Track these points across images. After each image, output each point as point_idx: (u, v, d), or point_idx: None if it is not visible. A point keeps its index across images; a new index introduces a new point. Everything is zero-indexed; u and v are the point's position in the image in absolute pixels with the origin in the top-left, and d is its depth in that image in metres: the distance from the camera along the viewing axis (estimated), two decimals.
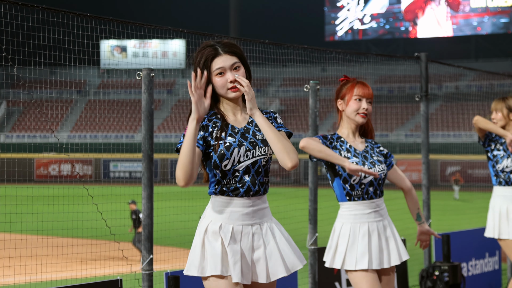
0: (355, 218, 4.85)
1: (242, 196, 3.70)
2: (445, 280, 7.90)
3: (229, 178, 3.69)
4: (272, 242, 3.73)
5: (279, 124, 3.80)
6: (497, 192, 6.93)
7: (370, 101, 4.93)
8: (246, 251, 3.69)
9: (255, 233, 3.73)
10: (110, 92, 56.31)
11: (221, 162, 3.66)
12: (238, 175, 3.69)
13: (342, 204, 4.89)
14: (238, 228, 3.70)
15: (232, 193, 3.70)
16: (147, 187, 5.76)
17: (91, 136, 50.74)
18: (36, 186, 10.20)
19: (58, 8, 5.90)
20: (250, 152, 3.71)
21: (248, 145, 3.71)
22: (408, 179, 5.21)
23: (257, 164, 3.71)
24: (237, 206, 3.71)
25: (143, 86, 5.78)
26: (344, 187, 4.84)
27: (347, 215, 4.87)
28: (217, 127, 3.72)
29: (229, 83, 3.69)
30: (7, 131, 52.42)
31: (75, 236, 11.41)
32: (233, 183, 3.69)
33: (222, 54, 3.70)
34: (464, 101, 44.35)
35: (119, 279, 5.46)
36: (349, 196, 4.85)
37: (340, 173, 4.83)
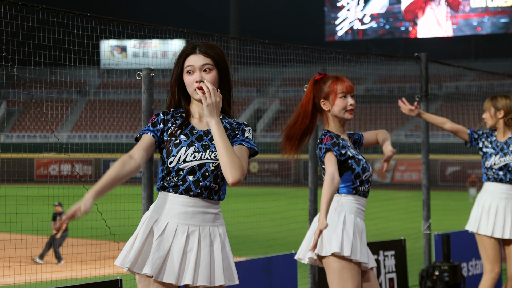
0: (357, 212, 4.83)
1: (182, 193, 3.66)
2: (445, 280, 7.89)
3: (172, 176, 3.67)
4: (207, 249, 3.64)
5: (244, 138, 3.72)
6: (485, 188, 7.02)
7: (353, 94, 4.91)
8: (176, 251, 3.63)
9: (191, 234, 3.65)
10: (110, 92, 56.31)
11: (167, 158, 3.68)
12: (182, 174, 3.66)
13: (346, 196, 4.83)
14: (172, 226, 3.66)
15: (172, 189, 3.67)
16: (147, 187, 5.76)
17: (91, 136, 50.74)
18: (36, 186, 10.20)
19: (58, 8, 5.90)
20: (199, 154, 3.66)
21: (199, 147, 3.67)
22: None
23: (204, 167, 3.66)
24: (176, 204, 3.67)
25: (143, 86, 5.78)
26: (354, 181, 4.81)
27: (351, 206, 4.81)
28: (175, 124, 3.73)
29: (195, 83, 3.68)
30: (7, 131, 52.42)
31: (75, 236, 11.41)
32: (175, 181, 3.67)
33: (196, 53, 3.71)
34: (464, 101, 44.32)
35: (119, 279, 5.45)
36: (355, 191, 4.83)
37: (354, 167, 4.80)
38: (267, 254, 8.58)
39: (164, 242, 3.63)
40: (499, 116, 6.93)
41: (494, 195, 6.91)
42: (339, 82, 4.86)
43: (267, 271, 6.47)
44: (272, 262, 6.57)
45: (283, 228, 10.78)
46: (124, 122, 53.25)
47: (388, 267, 7.74)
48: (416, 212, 12.25)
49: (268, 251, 12.32)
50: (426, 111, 8.71)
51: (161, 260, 3.60)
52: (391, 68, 12.27)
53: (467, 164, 38.71)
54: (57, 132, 49.18)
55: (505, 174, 6.87)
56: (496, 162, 6.89)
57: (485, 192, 7.00)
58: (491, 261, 6.91)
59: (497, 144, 6.92)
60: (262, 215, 12.20)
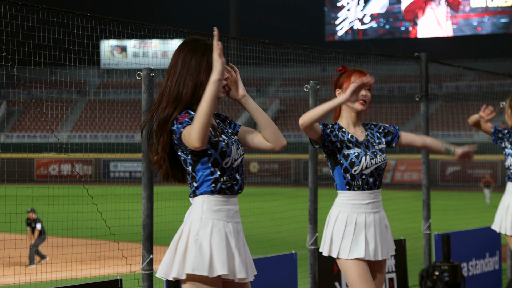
0: (353, 208, 4.82)
1: (236, 194, 3.71)
2: (445, 280, 7.89)
3: (228, 176, 3.67)
4: (246, 245, 3.80)
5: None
6: (507, 187, 7.13)
7: (369, 88, 4.91)
8: (241, 249, 3.71)
9: (240, 231, 3.75)
10: (110, 92, 56.29)
11: (222, 159, 3.65)
12: (233, 173, 3.69)
13: (341, 192, 4.87)
14: (234, 226, 3.71)
15: (229, 190, 3.68)
16: (147, 187, 5.76)
17: (91, 136, 50.73)
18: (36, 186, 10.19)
19: (58, 8, 5.89)
20: (239, 150, 3.74)
21: (237, 144, 3.75)
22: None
23: (242, 162, 3.75)
24: (232, 204, 3.70)
25: (143, 86, 5.78)
26: (344, 176, 4.82)
27: (345, 204, 4.84)
28: (217, 125, 3.80)
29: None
30: (7, 131, 52.41)
31: (75, 236, 11.41)
32: (230, 181, 3.67)
33: None
34: (464, 101, 44.33)
35: (119, 279, 5.45)
36: (349, 186, 4.82)
37: (342, 162, 4.81)
38: (267, 254, 8.57)
39: (238, 243, 3.68)
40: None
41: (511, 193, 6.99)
42: (355, 74, 4.92)
43: (267, 271, 6.47)
44: (272, 262, 6.57)
45: (283, 228, 10.78)
46: (124, 122, 53.23)
47: (388, 267, 7.74)
48: (416, 212, 12.25)
49: (268, 251, 12.31)
50: (426, 111, 8.72)
51: (237, 259, 3.63)
52: (391, 68, 12.28)
53: (467, 164, 38.69)
54: (57, 132, 49.18)
55: None
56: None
57: (506, 192, 7.12)
58: None
59: None
60: (262, 215, 12.19)
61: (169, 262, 3.66)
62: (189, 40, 3.76)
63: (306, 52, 8.44)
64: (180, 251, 3.61)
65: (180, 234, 3.67)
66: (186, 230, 3.65)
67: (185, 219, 3.72)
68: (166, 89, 3.70)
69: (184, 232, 3.66)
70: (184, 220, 3.73)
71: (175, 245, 3.67)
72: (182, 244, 3.62)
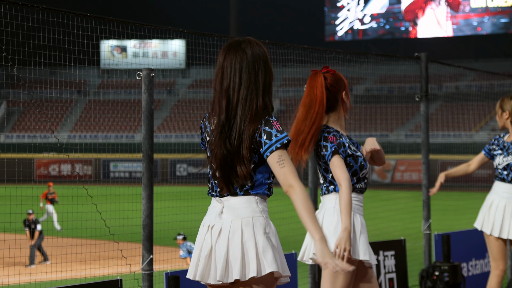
0: (355, 209, 4.81)
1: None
2: (445, 280, 7.89)
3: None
4: None
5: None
6: (493, 186, 7.21)
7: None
8: None
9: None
10: (110, 92, 56.28)
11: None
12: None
13: None
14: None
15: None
16: (147, 187, 5.75)
17: (91, 136, 50.72)
18: (36, 186, 10.18)
19: (58, 8, 5.89)
20: None
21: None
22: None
23: None
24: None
25: (143, 86, 5.78)
26: (351, 179, 4.78)
27: (353, 206, 4.78)
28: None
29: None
30: (7, 131, 52.41)
31: (75, 236, 11.41)
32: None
33: None
34: (464, 101, 44.33)
35: (119, 279, 5.45)
36: (353, 188, 4.79)
37: (352, 164, 4.77)
38: None
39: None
40: (505, 117, 7.05)
41: (498, 194, 7.10)
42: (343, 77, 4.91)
43: None
44: None
45: (283, 228, 10.76)
46: (124, 122, 53.23)
47: (388, 267, 7.74)
48: (416, 212, 12.24)
49: None
50: (426, 111, 8.72)
51: None
52: (391, 68, 12.31)
53: None
54: (57, 132, 49.17)
55: (508, 174, 7.00)
56: (500, 162, 7.04)
57: (492, 190, 7.20)
58: (495, 258, 7.04)
59: (504, 144, 7.11)
60: None
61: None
62: None
63: (306, 52, 8.44)
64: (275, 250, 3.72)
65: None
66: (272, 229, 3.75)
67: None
68: None
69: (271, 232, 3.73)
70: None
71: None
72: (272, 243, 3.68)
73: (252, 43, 3.73)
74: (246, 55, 3.68)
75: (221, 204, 3.67)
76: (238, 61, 3.67)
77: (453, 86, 50.75)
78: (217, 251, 3.60)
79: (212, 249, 3.62)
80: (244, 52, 3.69)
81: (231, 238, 3.58)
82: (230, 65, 3.68)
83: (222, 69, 3.69)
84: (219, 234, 3.62)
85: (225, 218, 3.63)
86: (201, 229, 3.74)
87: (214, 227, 3.65)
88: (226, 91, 3.66)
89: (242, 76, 3.65)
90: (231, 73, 3.66)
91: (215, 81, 3.72)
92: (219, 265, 3.57)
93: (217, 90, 3.70)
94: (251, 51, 3.69)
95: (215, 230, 3.64)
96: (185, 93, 56.84)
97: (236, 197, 3.65)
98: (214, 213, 3.70)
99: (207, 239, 3.66)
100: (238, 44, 3.73)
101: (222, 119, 3.64)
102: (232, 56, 3.69)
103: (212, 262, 3.61)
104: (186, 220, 8.26)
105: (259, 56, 3.69)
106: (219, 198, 3.69)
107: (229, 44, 3.76)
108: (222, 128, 3.64)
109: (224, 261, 3.56)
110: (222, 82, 3.68)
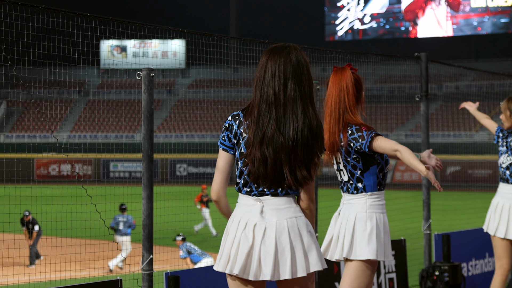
0: (383, 208, 4.79)
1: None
2: (445, 280, 7.89)
3: None
4: None
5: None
6: (498, 188, 7.19)
7: None
8: None
9: None
10: (110, 92, 56.29)
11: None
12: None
13: (373, 194, 4.75)
14: None
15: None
16: (147, 187, 5.75)
17: (91, 136, 50.73)
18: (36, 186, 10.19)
19: (58, 8, 5.89)
20: None
21: None
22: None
23: None
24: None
25: (143, 86, 5.78)
26: (378, 175, 4.75)
27: (378, 205, 4.76)
28: None
29: None
30: (7, 131, 52.41)
31: (74, 236, 11.42)
32: None
33: None
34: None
35: (119, 279, 5.45)
36: (379, 185, 4.78)
37: (379, 161, 4.73)
38: None
39: None
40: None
41: (503, 195, 7.10)
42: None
43: None
44: None
45: None
46: (124, 122, 53.23)
47: (388, 267, 7.74)
48: (416, 212, 12.24)
49: None
50: (426, 111, 8.72)
51: None
52: (391, 68, 12.30)
53: (467, 164, 38.71)
54: (57, 132, 49.19)
55: (510, 173, 6.97)
56: (504, 161, 7.03)
57: (497, 192, 7.19)
58: (499, 257, 7.12)
59: (511, 144, 7.02)
60: None
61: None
62: None
63: (306, 52, 8.41)
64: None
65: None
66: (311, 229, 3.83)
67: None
68: None
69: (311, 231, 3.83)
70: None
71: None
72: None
73: (297, 49, 3.82)
74: (290, 59, 3.75)
75: (260, 203, 3.74)
76: (283, 64, 3.74)
77: (453, 86, 50.76)
78: (263, 250, 3.67)
79: (252, 247, 3.69)
80: (288, 56, 3.76)
81: (278, 238, 3.68)
82: (275, 67, 3.74)
83: (265, 70, 3.75)
84: (263, 233, 3.69)
85: (269, 218, 3.72)
86: (233, 225, 3.77)
87: (257, 226, 3.71)
88: (267, 104, 3.72)
89: (289, 79, 3.73)
90: (278, 76, 3.73)
91: (256, 83, 3.77)
92: (268, 264, 3.66)
93: (259, 92, 3.75)
94: (295, 56, 3.78)
95: (258, 229, 3.70)
96: (185, 93, 56.85)
97: (277, 197, 3.74)
98: (252, 212, 3.74)
99: (246, 236, 3.71)
100: (283, 48, 3.81)
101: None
102: (277, 59, 3.76)
103: (253, 260, 3.68)
104: (186, 220, 8.26)
105: (303, 62, 3.78)
106: (258, 197, 3.74)
107: (274, 47, 3.83)
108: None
109: (273, 261, 3.65)
110: (265, 84, 3.74)
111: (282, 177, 3.70)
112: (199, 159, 43.99)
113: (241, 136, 3.77)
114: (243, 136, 3.77)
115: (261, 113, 3.70)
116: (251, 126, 3.73)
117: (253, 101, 3.77)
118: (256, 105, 3.74)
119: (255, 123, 3.72)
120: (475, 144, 39.20)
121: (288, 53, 3.77)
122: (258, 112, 3.71)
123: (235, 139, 3.80)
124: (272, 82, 3.72)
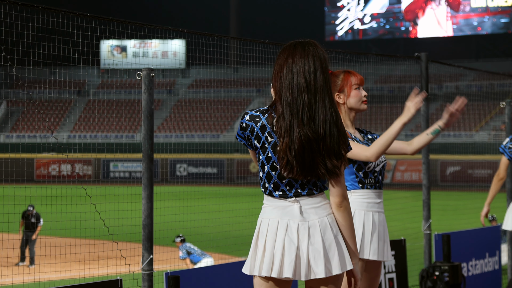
0: (367, 206, 4.79)
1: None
2: (445, 280, 7.89)
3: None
4: None
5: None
6: None
7: (363, 87, 4.97)
8: None
9: None
10: (110, 92, 56.29)
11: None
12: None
13: (354, 192, 4.79)
14: None
15: None
16: (147, 187, 5.75)
17: (91, 136, 50.73)
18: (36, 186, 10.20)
19: (58, 8, 5.89)
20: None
21: None
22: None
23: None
24: None
25: (143, 86, 5.78)
26: (357, 174, 4.78)
27: (359, 202, 4.78)
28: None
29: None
30: (7, 131, 52.41)
31: (74, 236, 11.41)
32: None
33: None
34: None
35: (119, 279, 5.45)
36: (362, 184, 4.79)
37: (354, 160, 4.77)
38: None
39: None
40: None
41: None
42: (352, 75, 4.90)
43: None
44: None
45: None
46: (124, 122, 53.23)
47: (388, 267, 7.74)
48: (416, 212, 12.24)
49: None
50: (426, 111, 8.72)
51: None
52: (391, 68, 12.32)
53: (467, 164, 38.71)
54: (57, 132, 49.18)
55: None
56: None
57: None
58: None
59: None
60: None
61: None
62: None
63: None
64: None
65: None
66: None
67: None
68: None
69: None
70: None
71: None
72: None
73: (318, 46, 3.83)
74: (317, 52, 3.80)
75: (298, 204, 3.72)
76: (311, 54, 3.78)
77: (453, 86, 50.76)
78: (311, 250, 3.67)
79: (298, 248, 3.67)
80: (315, 49, 3.80)
81: (323, 235, 3.69)
82: (304, 57, 3.76)
83: (292, 60, 3.74)
84: (308, 233, 3.68)
85: (311, 218, 3.71)
86: (270, 228, 3.73)
87: (300, 227, 3.69)
88: (298, 90, 3.69)
89: (318, 69, 3.75)
90: (308, 65, 3.74)
91: (277, 78, 3.74)
92: (319, 263, 3.65)
93: (289, 80, 3.71)
94: (320, 50, 3.82)
95: (302, 230, 3.68)
96: (185, 93, 56.86)
97: (313, 196, 3.73)
98: (291, 213, 3.71)
99: (290, 238, 3.68)
100: (306, 42, 3.84)
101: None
102: (305, 51, 3.78)
103: (302, 261, 3.66)
104: (186, 220, 8.25)
105: (326, 57, 3.82)
106: (294, 198, 3.72)
107: (296, 41, 3.85)
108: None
109: (323, 258, 3.65)
110: (295, 72, 3.72)
111: (316, 166, 3.67)
112: (199, 159, 44.00)
113: (267, 140, 3.70)
114: (269, 141, 3.70)
115: (294, 100, 3.66)
116: (282, 116, 3.67)
117: (279, 93, 3.71)
118: (285, 94, 3.69)
119: (289, 110, 3.66)
120: (475, 144, 39.20)
121: (314, 46, 3.81)
122: (292, 99, 3.67)
123: (259, 143, 3.73)
124: (303, 69, 3.71)
